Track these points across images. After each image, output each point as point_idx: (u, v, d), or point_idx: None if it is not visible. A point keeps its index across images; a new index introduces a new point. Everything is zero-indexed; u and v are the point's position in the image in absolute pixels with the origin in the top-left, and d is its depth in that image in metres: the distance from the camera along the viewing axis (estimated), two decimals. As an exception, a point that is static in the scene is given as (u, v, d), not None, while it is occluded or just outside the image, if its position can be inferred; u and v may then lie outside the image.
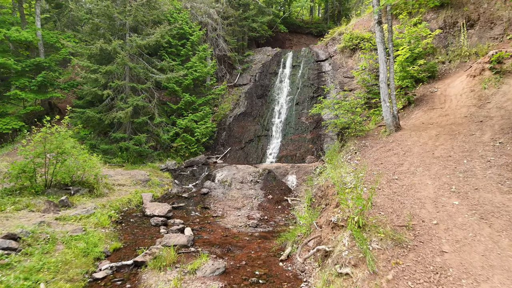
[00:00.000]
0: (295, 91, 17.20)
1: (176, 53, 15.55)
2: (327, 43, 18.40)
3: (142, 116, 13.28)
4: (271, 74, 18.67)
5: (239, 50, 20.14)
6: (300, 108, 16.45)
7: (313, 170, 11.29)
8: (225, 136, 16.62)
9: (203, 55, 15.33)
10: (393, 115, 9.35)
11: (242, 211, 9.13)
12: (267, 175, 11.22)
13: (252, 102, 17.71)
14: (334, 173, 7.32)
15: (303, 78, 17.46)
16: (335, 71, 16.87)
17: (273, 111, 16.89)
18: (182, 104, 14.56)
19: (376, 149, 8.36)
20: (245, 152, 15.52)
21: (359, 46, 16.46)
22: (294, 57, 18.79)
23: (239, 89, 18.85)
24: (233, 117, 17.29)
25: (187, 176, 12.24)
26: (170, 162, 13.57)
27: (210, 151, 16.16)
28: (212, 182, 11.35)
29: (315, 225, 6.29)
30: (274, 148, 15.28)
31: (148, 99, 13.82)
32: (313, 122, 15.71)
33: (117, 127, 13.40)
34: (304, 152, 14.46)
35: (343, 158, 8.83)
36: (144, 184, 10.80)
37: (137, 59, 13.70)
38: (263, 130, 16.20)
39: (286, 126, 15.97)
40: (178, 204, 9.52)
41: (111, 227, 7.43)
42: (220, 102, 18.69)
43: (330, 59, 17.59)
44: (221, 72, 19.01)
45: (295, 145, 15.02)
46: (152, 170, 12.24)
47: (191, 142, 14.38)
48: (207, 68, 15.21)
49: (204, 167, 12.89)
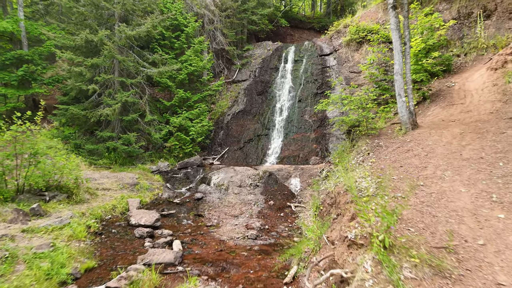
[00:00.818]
0: (297, 87, 16.29)
1: (170, 46, 14.61)
2: (331, 36, 17.48)
3: (132, 113, 12.35)
4: (272, 70, 17.75)
5: (238, 44, 19.21)
6: (303, 105, 15.53)
7: (319, 172, 10.37)
8: (222, 136, 15.70)
9: (199, 48, 14.40)
10: (410, 111, 8.43)
11: (240, 219, 8.21)
12: (268, 178, 10.30)
13: (251, 99, 16.79)
14: (346, 177, 6.40)
15: (306, 74, 16.54)
16: (341, 66, 15.95)
17: (274, 108, 15.97)
18: (176, 100, 13.64)
19: (392, 149, 7.44)
20: (244, 152, 14.60)
21: (366, 38, 15.55)
22: (296, 52, 17.87)
23: (238, 86, 17.93)
24: (232, 115, 16.38)
25: (180, 179, 11.32)
26: (162, 164, 12.65)
27: (206, 151, 15.23)
28: (207, 186, 10.43)
29: (326, 240, 5.38)
30: (275, 148, 14.36)
31: (138, 95, 12.90)
32: (317, 120, 14.79)
33: (104, 126, 12.48)
34: (308, 153, 13.54)
35: (354, 159, 7.91)
36: (131, 188, 9.87)
37: (127, 52, 12.78)
38: (264, 129, 15.28)
39: (288, 124, 15.06)
40: (168, 211, 8.60)
41: (88, 240, 6.51)
42: (217, 99, 17.77)
43: (335, 53, 16.67)
44: (219, 67, 18.09)
45: (298, 145, 14.10)
46: (141, 172, 11.31)
47: (185, 141, 13.46)
48: (203, 62, 14.29)
49: (199, 169, 11.96)
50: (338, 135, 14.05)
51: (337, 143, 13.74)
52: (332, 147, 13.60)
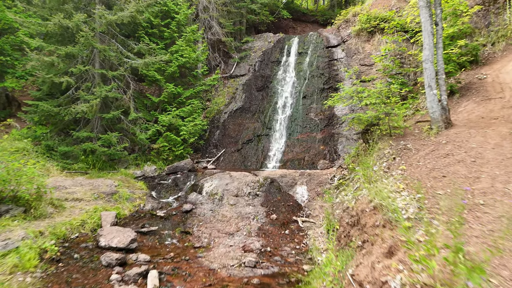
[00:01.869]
0: (302, 82, 14.92)
1: (159, 36, 13.24)
2: (339, 26, 16.12)
3: (114, 110, 10.97)
4: (273, 63, 16.39)
5: (236, 36, 17.85)
6: (308, 102, 14.17)
7: (329, 179, 9.01)
8: (218, 136, 14.33)
9: (192, 38, 13.03)
10: (442, 107, 7.07)
11: (235, 237, 6.84)
12: (270, 186, 8.93)
13: (251, 96, 15.42)
14: (371, 190, 5.03)
15: (311, 67, 15.18)
16: (350, 58, 14.59)
17: (276, 106, 14.60)
18: (165, 96, 12.27)
19: (424, 153, 6.07)
20: (242, 155, 13.22)
21: (378, 28, 14.19)
22: (300, 43, 16.50)
23: (236, 81, 16.57)
24: (229, 113, 15.01)
25: (167, 187, 9.94)
26: (149, 168, 11.28)
27: (200, 153, 13.86)
28: (198, 195, 9.07)
29: (350, 279, 4.01)
30: (277, 150, 12.98)
31: (122, 90, 11.52)
32: (324, 118, 13.43)
33: (83, 125, 11.11)
34: (315, 155, 12.17)
35: (376, 165, 6.54)
36: (108, 198, 8.50)
37: (109, 41, 11.41)
38: (264, 129, 13.91)
39: (291, 123, 13.69)
40: (149, 227, 7.23)
41: (39, 270, 5.15)
42: (213, 96, 16.40)
43: (343, 44, 15.30)
44: (215, 60, 16.72)
45: (303, 147, 12.73)
46: (123, 178, 9.93)
47: (176, 143, 12.09)
48: (196, 54, 12.92)
49: (190, 174, 10.59)
50: (348, 135, 12.70)
51: (348, 144, 12.39)
52: (342, 149, 12.24)
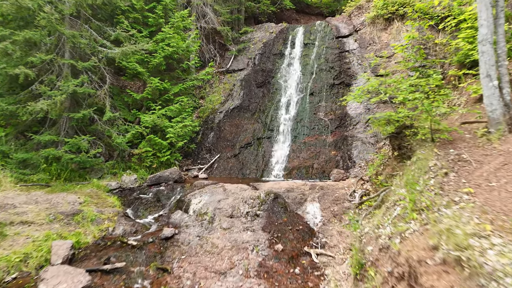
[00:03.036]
0: (308, 77, 13.24)
1: (143, 22, 11.57)
2: (350, 14, 14.45)
3: (85, 109, 9.29)
4: (275, 56, 14.72)
5: (234, 26, 16.18)
6: (316, 99, 12.49)
7: (348, 195, 7.31)
8: (212, 139, 12.65)
9: (181, 25, 11.35)
10: (505, 103, 5.38)
11: (228, 279, 5.16)
12: (273, 204, 7.24)
13: (250, 93, 13.75)
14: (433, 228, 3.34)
15: (319, 60, 13.50)
16: (364, 50, 12.91)
17: (279, 104, 12.93)
18: (149, 92, 10.58)
19: (493, 167, 4.39)
20: (239, 161, 11.53)
21: (397, 14, 12.51)
22: (306, 33, 14.83)
23: (233, 76, 14.90)
24: (225, 113, 13.34)
25: (147, 202, 8.25)
26: (128, 178, 9.60)
27: (191, 159, 12.17)
28: (184, 214, 7.39)
29: None
30: (281, 155, 11.30)
31: (96, 85, 9.83)
32: (335, 118, 11.75)
33: (48, 126, 9.42)
34: (325, 162, 10.48)
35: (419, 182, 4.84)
36: (68, 220, 6.81)
37: (81, 26, 9.73)
38: (266, 131, 12.22)
39: (297, 124, 12.01)
40: (114, 263, 5.54)
41: None
42: (207, 93, 14.73)
43: (355, 33, 13.63)
44: (209, 53, 15.04)
45: (311, 152, 11.04)
46: (93, 192, 8.24)
47: (161, 147, 10.41)
48: (186, 43, 11.23)
49: (177, 186, 8.91)
50: (364, 138, 11.02)
51: (364, 149, 10.71)
52: (358, 155, 10.56)
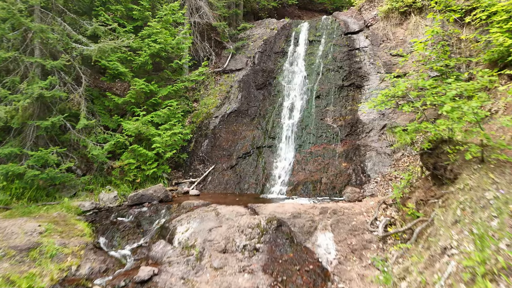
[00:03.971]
0: (314, 78, 12.00)
1: (126, 15, 10.33)
2: (360, 8, 13.21)
3: (56, 115, 8.05)
4: (277, 55, 13.48)
5: (231, 22, 14.95)
6: (323, 103, 11.24)
7: (368, 223, 6.04)
8: (207, 147, 11.39)
9: (170, 19, 10.11)
10: None
11: None
12: (276, 233, 5.98)
13: (249, 95, 12.50)
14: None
15: (326, 59, 12.26)
16: (376, 47, 11.67)
17: (281, 108, 11.67)
18: (133, 95, 9.32)
19: None
20: (237, 173, 10.27)
21: (414, 7, 11.26)
22: (311, 30, 13.59)
23: (231, 77, 13.66)
24: (221, 118, 12.09)
25: (125, 228, 6.99)
26: (106, 196, 8.35)
27: (182, 170, 10.91)
28: (167, 245, 6.14)
29: None
30: (284, 167, 10.05)
31: (70, 87, 8.58)
32: (346, 125, 10.50)
33: (14, 135, 8.17)
34: (336, 176, 9.22)
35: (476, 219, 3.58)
36: (22, 256, 5.55)
37: (52, 19, 8.49)
38: (266, 138, 10.97)
39: (302, 131, 10.76)
40: (69, 322, 4.26)
41: None
42: (201, 96, 13.49)
43: (366, 29, 12.38)
44: (204, 51, 13.80)
45: (318, 164, 9.79)
46: (60, 216, 6.98)
47: (146, 159, 9.17)
48: (176, 39, 9.98)
49: (161, 207, 7.65)
50: (379, 148, 9.77)
51: (380, 160, 9.46)
52: (372, 168, 9.31)
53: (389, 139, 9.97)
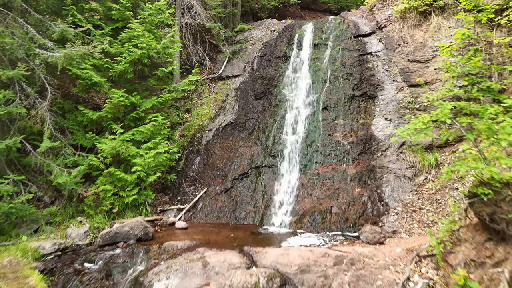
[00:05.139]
0: (320, 87, 10.73)
1: (104, 15, 9.05)
2: (372, 7, 11.96)
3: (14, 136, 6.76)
4: (278, 59, 12.21)
5: (228, 23, 13.68)
6: (332, 115, 9.97)
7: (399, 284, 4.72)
8: (198, 166, 10.11)
9: (155, 19, 8.83)
10: None
11: None
12: (280, 297, 4.67)
13: (247, 106, 11.23)
14: None
15: (334, 65, 10.99)
16: (391, 52, 10.40)
17: (283, 121, 10.40)
18: (109, 109, 8.03)
19: None
20: (232, 198, 8.97)
21: (435, 6, 9.99)
22: (316, 32, 12.32)
23: (227, 84, 12.40)
24: (215, 131, 10.82)
25: (91, 280, 5.67)
26: (75, 231, 7.07)
27: (169, 194, 9.61)
28: (140, 310, 4.82)
29: None
30: (287, 192, 8.76)
31: (31, 101, 7.30)
32: (358, 142, 9.23)
33: (-37, 159, 6.88)
34: (348, 205, 7.93)
35: None
36: None
37: (13, 20, 7.21)
38: (266, 156, 9.69)
39: (307, 149, 9.48)
40: None
41: None
42: (194, 105, 12.22)
43: (379, 31, 11.12)
44: (197, 55, 12.53)
45: (327, 188, 8.50)
46: (10, 266, 5.68)
47: (125, 184, 7.88)
48: (162, 43, 8.69)
49: (139, 249, 6.35)
50: (398, 170, 8.50)
51: (398, 185, 8.18)
52: (391, 195, 8.02)
53: (409, 159, 8.69)
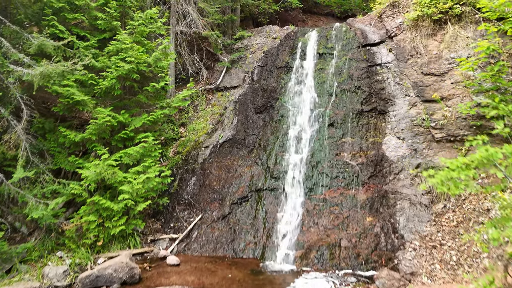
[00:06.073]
0: (326, 101, 10.00)
1: (90, 25, 8.31)
2: (381, 14, 11.20)
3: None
4: (280, 70, 11.47)
5: (226, 29, 12.95)
6: (339, 133, 9.23)
7: None
8: (194, 187, 9.36)
9: (146, 30, 8.10)
10: None
11: None
12: None
13: (246, 120, 10.49)
14: None
15: (341, 77, 10.26)
16: (403, 63, 9.66)
17: (286, 138, 9.65)
18: (94, 130, 7.27)
19: None
20: (230, 226, 8.21)
21: (451, 14, 9.25)
22: (321, 40, 11.57)
23: (225, 95, 11.67)
24: (212, 148, 10.08)
25: None
26: (53, 270, 6.33)
27: (162, 219, 8.85)
28: None
29: None
30: (290, 220, 8.00)
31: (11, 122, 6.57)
32: (368, 163, 8.49)
33: None
34: (359, 237, 7.18)
35: None
36: None
37: (-16, 33, 6.49)
38: (268, 178, 8.94)
39: (312, 170, 8.74)
40: None
41: None
42: (190, 119, 11.48)
43: (389, 40, 10.38)
44: (193, 65, 11.78)
45: (335, 216, 7.75)
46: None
47: (112, 214, 7.13)
48: (153, 55, 7.95)
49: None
50: (413, 196, 7.77)
51: (414, 214, 7.44)
52: (406, 225, 7.28)
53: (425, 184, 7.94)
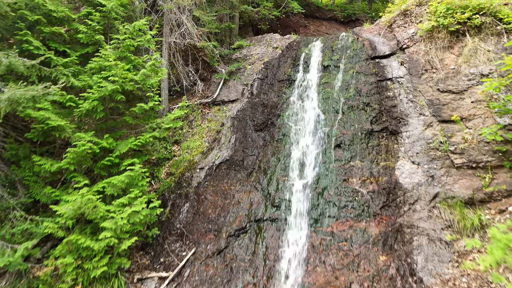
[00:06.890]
0: (332, 118, 9.20)
1: (71, 39, 7.52)
2: (391, 23, 10.42)
3: None
4: (281, 83, 10.69)
5: (224, 38, 12.18)
6: (346, 155, 8.42)
7: None
8: (187, 215, 8.56)
9: (133, 43, 7.31)
10: None
11: None
12: None
13: (245, 139, 9.70)
14: None
15: (348, 92, 9.48)
16: (417, 78, 8.88)
17: (289, 161, 8.85)
18: (71, 161, 6.47)
19: None
20: (226, 263, 7.40)
21: (470, 25, 8.47)
22: (325, 51, 10.80)
23: (222, 110, 10.88)
24: (207, 170, 9.29)
25: None
26: (21, 324, 5.47)
27: (151, 253, 8.04)
28: None
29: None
30: (294, 257, 7.18)
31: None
32: (379, 190, 7.69)
33: None
34: (372, 281, 6.38)
35: None
36: None
37: None
38: (269, 206, 8.13)
39: (318, 198, 7.93)
40: None
41: None
42: (185, 136, 10.69)
43: (401, 52, 9.60)
44: (187, 78, 10.99)
45: (344, 254, 6.95)
46: None
47: (92, 254, 6.32)
48: (141, 73, 7.16)
49: None
50: (432, 230, 6.99)
51: (433, 252, 6.67)
52: (425, 265, 6.49)
53: (445, 217, 7.15)
